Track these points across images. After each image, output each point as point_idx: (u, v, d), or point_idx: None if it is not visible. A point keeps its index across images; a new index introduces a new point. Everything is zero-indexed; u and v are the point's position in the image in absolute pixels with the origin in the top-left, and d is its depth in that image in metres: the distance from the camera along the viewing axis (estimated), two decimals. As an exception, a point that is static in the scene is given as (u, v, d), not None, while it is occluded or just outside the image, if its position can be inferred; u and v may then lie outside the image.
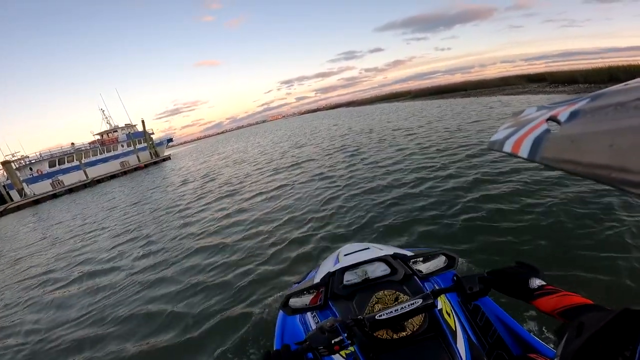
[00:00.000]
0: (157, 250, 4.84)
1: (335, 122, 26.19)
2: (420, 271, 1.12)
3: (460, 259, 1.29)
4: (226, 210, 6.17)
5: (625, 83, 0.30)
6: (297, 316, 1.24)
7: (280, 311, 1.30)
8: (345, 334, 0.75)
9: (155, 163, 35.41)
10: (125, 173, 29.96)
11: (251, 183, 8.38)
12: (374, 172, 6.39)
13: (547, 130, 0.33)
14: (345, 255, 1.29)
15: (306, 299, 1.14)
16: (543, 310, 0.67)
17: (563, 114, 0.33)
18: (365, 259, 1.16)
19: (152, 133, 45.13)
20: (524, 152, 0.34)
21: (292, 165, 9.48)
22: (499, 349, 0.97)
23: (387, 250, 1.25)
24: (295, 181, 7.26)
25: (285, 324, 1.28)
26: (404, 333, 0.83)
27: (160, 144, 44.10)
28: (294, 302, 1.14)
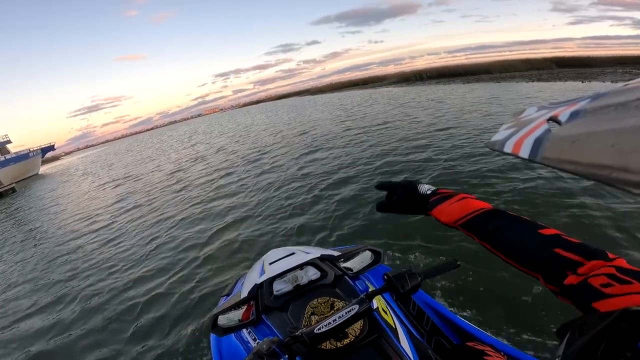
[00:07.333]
0: None
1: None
2: (350, 269, 1.09)
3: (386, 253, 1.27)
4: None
5: (626, 83, 0.30)
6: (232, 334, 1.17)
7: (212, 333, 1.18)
8: (286, 356, 0.68)
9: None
10: None
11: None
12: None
13: (548, 131, 0.32)
14: (270, 263, 1.21)
15: (237, 315, 1.03)
16: (444, 222, 0.60)
17: (564, 114, 0.32)
18: (293, 265, 1.10)
19: (8, 141, 29.46)
20: (524, 152, 0.33)
21: None
22: (436, 336, 1.05)
23: (314, 252, 1.18)
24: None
25: (220, 345, 1.18)
26: (347, 340, 0.80)
27: (24, 157, 28.58)
28: (224, 320, 1.02)
